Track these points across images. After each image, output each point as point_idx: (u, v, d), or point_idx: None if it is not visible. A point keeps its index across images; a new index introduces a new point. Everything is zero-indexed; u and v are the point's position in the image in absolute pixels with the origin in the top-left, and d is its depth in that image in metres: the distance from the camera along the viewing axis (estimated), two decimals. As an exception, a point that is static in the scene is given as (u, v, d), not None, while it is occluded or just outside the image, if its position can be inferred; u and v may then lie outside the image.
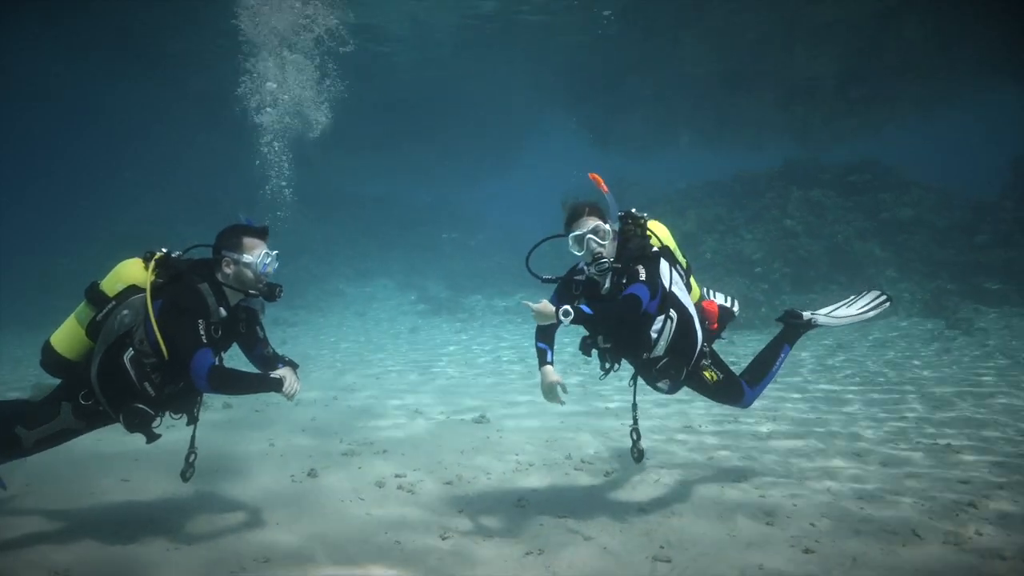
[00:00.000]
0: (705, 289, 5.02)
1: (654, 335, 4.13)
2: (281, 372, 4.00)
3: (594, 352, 4.43)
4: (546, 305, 3.76)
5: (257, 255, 3.89)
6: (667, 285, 4.15)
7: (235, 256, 3.87)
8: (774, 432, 6.61)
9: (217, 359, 3.91)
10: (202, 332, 3.68)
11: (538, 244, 4.37)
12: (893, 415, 7.15)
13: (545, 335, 4.42)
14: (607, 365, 4.42)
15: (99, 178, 31.29)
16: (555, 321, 3.73)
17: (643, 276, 3.99)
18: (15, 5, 16.79)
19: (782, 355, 4.83)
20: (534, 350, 4.49)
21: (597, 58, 21.63)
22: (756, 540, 4.11)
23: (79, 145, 30.81)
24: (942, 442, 6.04)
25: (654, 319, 4.11)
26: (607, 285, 4.18)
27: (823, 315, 5.05)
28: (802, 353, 11.24)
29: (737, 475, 5.32)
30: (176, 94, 24.33)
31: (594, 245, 4.08)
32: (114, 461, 5.60)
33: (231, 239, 3.92)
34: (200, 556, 3.95)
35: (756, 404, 7.51)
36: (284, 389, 3.88)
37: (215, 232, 4.04)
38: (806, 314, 5.00)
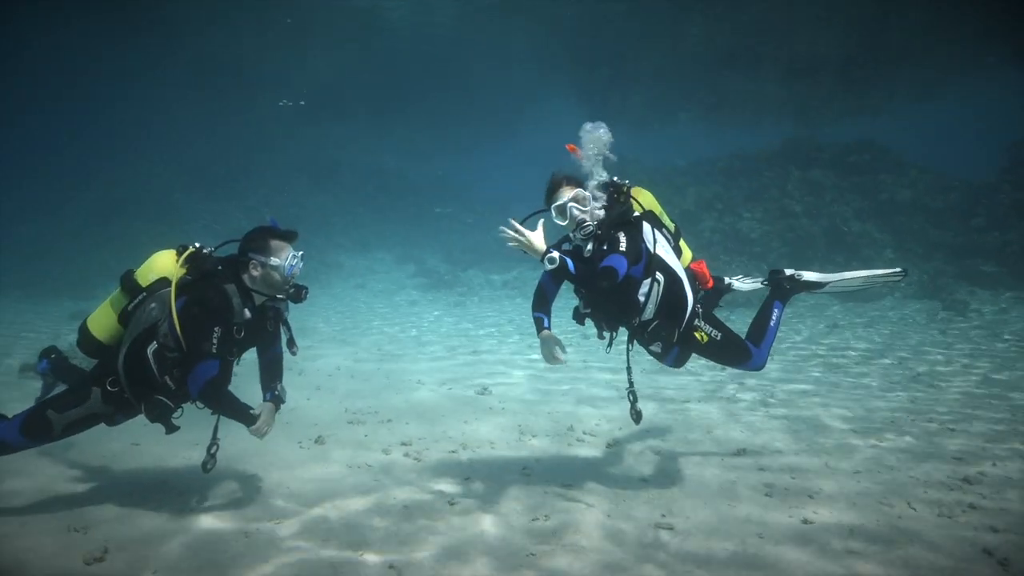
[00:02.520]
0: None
1: (641, 299, 4.16)
2: (261, 409, 4.07)
3: (589, 322, 4.47)
4: (538, 237, 3.83)
5: (284, 257, 3.92)
6: (651, 248, 4.17)
7: (262, 259, 3.90)
8: (771, 408, 6.73)
9: (233, 360, 4.03)
10: (215, 341, 3.73)
11: (526, 219, 4.41)
12: (888, 392, 7.28)
13: (542, 305, 4.45)
14: (605, 334, 4.47)
15: (94, 144, 31.02)
16: (539, 258, 3.81)
17: (622, 246, 4.01)
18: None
19: (775, 312, 4.83)
20: (532, 322, 4.52)
21: (599, 32, 21.53)
22: (755, 510, 4.22)
23: (75, 111, 30.50)
24: (936, 419, 6.17)
25: (640, 283, 4.14)
26: (589, 247, 4.19)
27: (809, 272, 5.05)
28: (799, 331, 11.37)
29: (736, 448, 5.43)
30: (173, 60, 24.09)
31: (576, 212, 4.12)
32: (123, 426, 5.65)
33: (258, 241, 3.94)
34: (214, 517, 4.05)
35: (752, 379, 7.67)
36: (252, 428, 3.98)
37: (211, 199, 4.09)
38: (788, 271, 5.01)
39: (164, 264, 3.93)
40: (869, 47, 20.57)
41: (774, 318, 4.80)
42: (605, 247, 4.07)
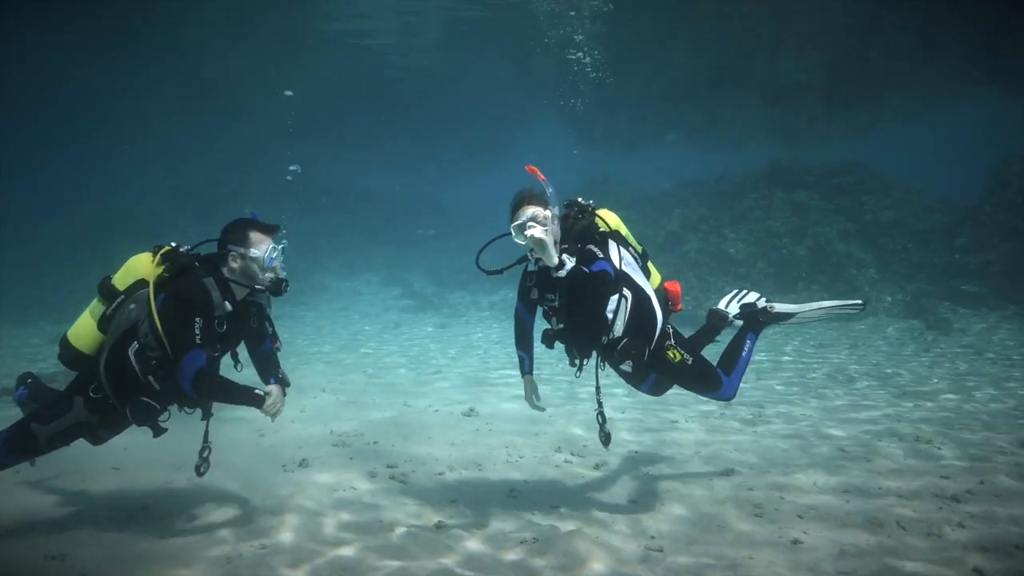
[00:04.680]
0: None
1: (610, 315, 4.12)
2: (269, 389, 3.96)
3: (559, 346, 4.43)
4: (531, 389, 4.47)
5: (264, 249, 3.88)
6: (618, 264, 4.16)
7: (242, 250, 3.86)
8: (759, 428, 6.71)
9: (219, 357, 3.95)
10: (197, 331, 3.66)
11: (488, 244, 4.38)
12: (875, 412, 7.28)
13: (523, 341, 4.52)
14: (576, 360, 4.40)
15: (83, 166, 30.87)
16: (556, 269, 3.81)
17: (600, 254, 4.05)
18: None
19: (748, 343, 4.79)
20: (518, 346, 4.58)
21: (585, 58, 21.73)
22: (745, 531, 4.19)
23: (63, 134, 30.33)
24: (923, 437, 6.16)
25: (607, 299, 4.11)
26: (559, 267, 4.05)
27: (780, 304, 4.99)
28: (786, 350, 11.39)
29: (725, 469, 5.40)
30: (164, 84, 24.07)
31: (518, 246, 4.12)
32: (104, 450, 5.53)
33: (238, 233, 3.90)
34: (196, 543, 3.97)
35: (740, 399, 7.66)
36: (265, 406, 3.82)
37: (200, 221, 4.05)
38: (760, 302, 4.95)
39: (141, 266, 3.87)
40: (852, 69, 20.87)
41: (746, 349, 4.76)
42: (577, 258, 4.03)
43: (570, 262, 3.84)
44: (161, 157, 28.29)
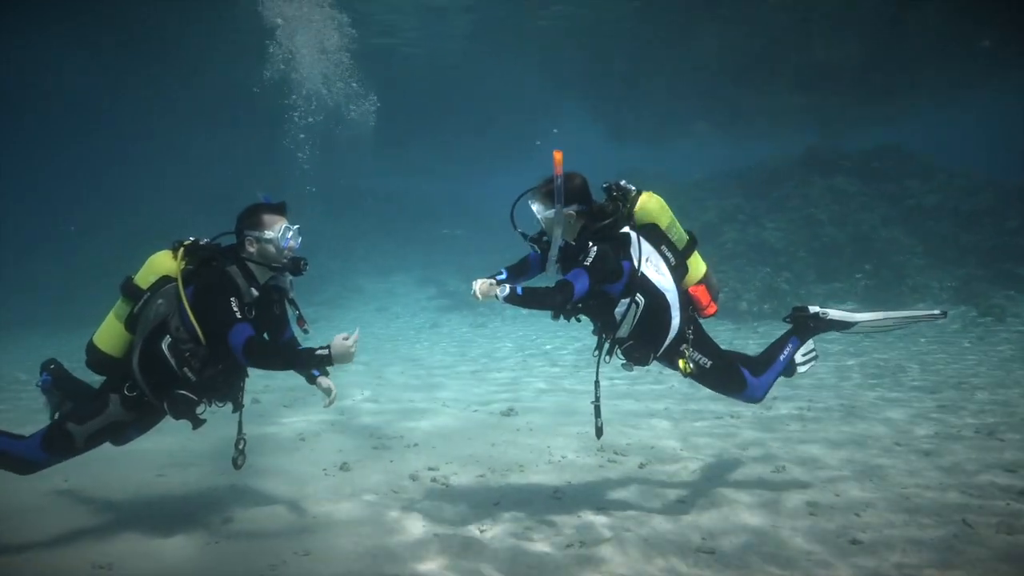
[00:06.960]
0: None
1: (617, 317, 4.03)
2: (330, 345, 3.64)
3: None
4: (485, 285, 3.77)
5: (278, 230, 3.88)
6: (637, 266, 3.98)
7: (256, 234, 3.87)
8: (809, 424, 6.51)
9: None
10: (235, 308, 3.67)
11: (519, 198, 4.22)
12: (930, 403, 7.03)
13: (512, 271, 4.53)
14: (595, 334, 4.32)
15: (111, 176, 31.46)
16: (495, 296, 3.75)
17: (589, 261, 3.86)
18: (28, 5, 17.04)
19: (789, 347, 4.56)
20: (555, 338, 4.44)
21: (613, 50, 21.50)
22: (800, 531, 4.03)
23: (89, 143, 30.91)
24: (984, 430, 5.91)
25: (618, 302, 4.01)
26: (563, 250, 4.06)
27: (836, 310, 4.67)
28: (832, 341, 11.10)
29: (775, 465, 5.23)
30: (189, 90, 24.40)
31: (538, 222, 4.15)
32: (148, 457, 5.60)
33: (251, 218, 3.92)
34: (240, 549, 3.94)
35: (788, 396, 7.44)
36: (337, 361, 3.56)
37: (230, 228, 4.04)
38: (813, 308, 4.66)
39: (163, 263, 3.90)
40: (888, 53, 20.31)
41: (786, 352, 4.53)
42: (580, 257, 3.93)
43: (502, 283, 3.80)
44: (196, 165, 28.68)
